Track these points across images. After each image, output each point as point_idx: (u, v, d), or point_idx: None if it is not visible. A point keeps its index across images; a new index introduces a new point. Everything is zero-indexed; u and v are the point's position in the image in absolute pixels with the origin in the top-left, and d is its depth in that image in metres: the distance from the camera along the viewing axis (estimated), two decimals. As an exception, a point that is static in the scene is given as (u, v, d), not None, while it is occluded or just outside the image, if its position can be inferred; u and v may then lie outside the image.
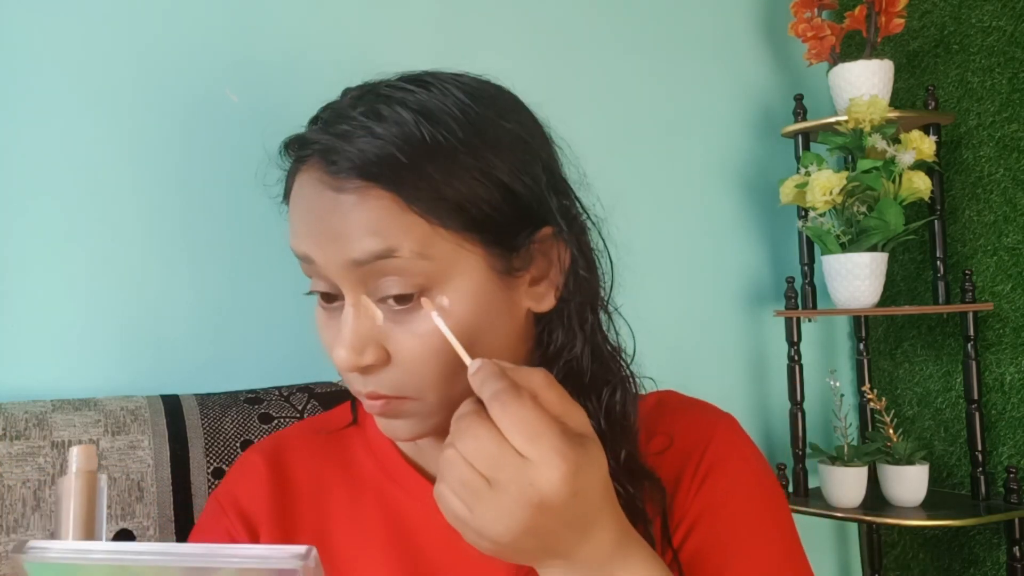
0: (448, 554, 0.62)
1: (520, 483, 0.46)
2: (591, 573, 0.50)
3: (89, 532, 0.42)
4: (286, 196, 0.62)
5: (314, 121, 0.59)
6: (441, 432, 0.59)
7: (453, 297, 0.55)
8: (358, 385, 0.57)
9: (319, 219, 0.55)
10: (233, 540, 0.64)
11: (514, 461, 0.46)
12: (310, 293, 0.59)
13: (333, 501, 0.66)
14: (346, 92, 0.60)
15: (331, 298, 0.58)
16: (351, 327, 0.55)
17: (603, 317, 0.64)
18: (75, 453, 0.43)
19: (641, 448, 0.61)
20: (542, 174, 0.59)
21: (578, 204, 0.62)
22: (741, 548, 0.59)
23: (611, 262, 0.64)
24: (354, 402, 0.71)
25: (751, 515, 0.61)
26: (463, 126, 0.55)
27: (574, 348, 0.60)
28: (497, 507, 0.46)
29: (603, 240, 0.64)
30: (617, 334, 0.64)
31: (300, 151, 0.57)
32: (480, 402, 0.49)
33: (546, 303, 0.60)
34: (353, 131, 0.54)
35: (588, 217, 0.63)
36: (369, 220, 0.53)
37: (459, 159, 0.54)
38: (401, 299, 0.54)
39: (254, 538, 0.64)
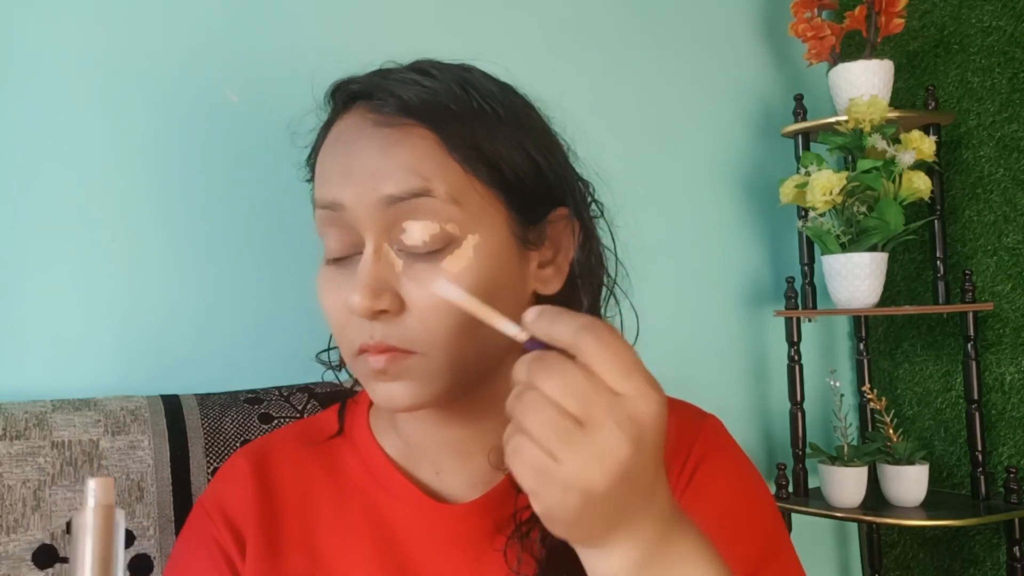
0: (438, 561, 0.61)
1: (618, 418, 0.41)
2: (660, 533, 0.46)
3: (106, 570, 0.41)
4: (313, 153, 0.63)
5: (346, 84, 0.61)
6: (440, 405, 0.59)
7: (474, 252, 0.56)
8: (363, 336, 0.56)
9: (357, 156, 0.56)
10: (220, 547, 0.63)
11: (609, 397, 0.42)
12: (329, 260, 0.59)
13: (320, 508, 0.65)
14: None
15: (343, 258, 0.58)
16: (370, 270, 0.55)
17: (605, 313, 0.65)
18: (92, 486, 0.41)
19: None
20: (563, 160, 0.63)
21: (590, 196, 0.66)
22: (727, 538, 0.58)
23: (616, 255, 0.66)
24: (342, 410, 0.70)
25: (738, 509, 0.62)
26: (501, 102, 0.59)
27: None
28: (592, 448, 0.41)
29: (611, 233, 0.66)
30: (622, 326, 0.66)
31: (347, 89, 0.59)
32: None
33: (552, 287, 0.62)
34: (403, 79, 0.58)
35: (600, 210, 0.66)
36: (410, 158, 0.55)
37: (498, 124, 0.58)
38: (425, 245, 0.55)
39: (240, 545, 0.63)
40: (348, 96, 0.59)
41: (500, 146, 0.58)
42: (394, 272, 0.55)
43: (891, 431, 1.41)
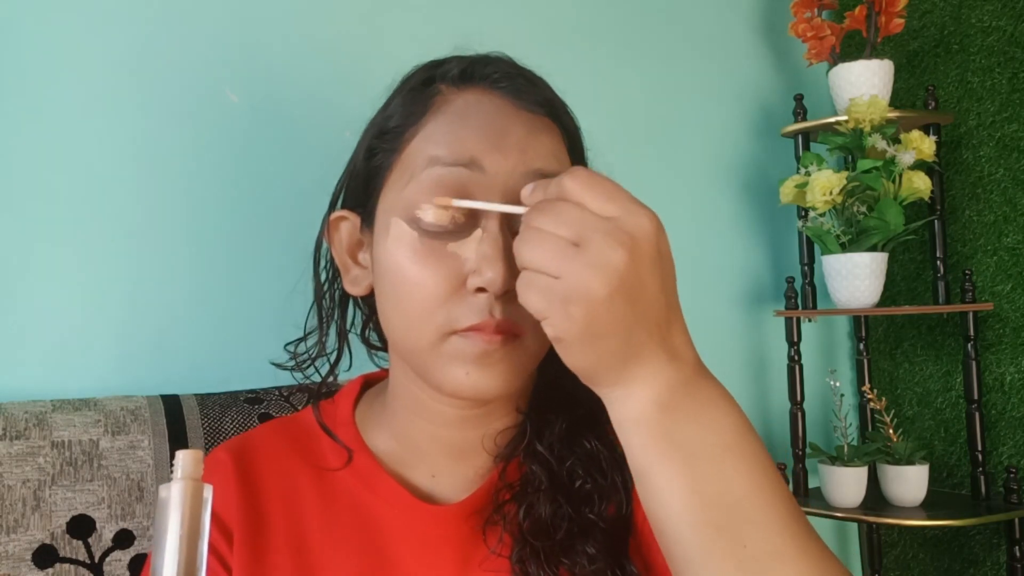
0: (426, 561, 0.61)
1: (608, 230, 0.45)
2: (681, 375, 0.48)
3: (193, 545, 0.39)
4: (406, 119, 0.61)
5: (462, 59, 0.63)
6: (512, 396, 0.62)
7: None
8: (480, 315, 0.55)
9: (505, 130, 0.58)
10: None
11: (598, 220, 0.45)
12: (421, 229, 0.56)
13: (305, 508, 0.64)
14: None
15: (436, 233, 0.56)
16: (505, 247, 0.54)
17: None
18: (180, 458, 0.40)
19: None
20: None
21: None
22: None
23: None
24: (317, 413, 0.68)
25: None
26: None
27: None
28: (587, 259, 0.44)
29: None
30: None
31: (477, 72, 0.61)
32: None
33: None
34: (528, 75, 0.62)
35: None
36: (552, 145, 0.60)
37: (580, 140, 0.66)
38: None
39: (227, 535, 0.62)
40: (477, 76, 0.60)
41: (583, 159, 0.65)
42: (511, 251, 0.55)
43: (891, 431, 1.41)
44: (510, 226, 0.56)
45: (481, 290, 0.55)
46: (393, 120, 0.61)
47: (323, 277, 0.70)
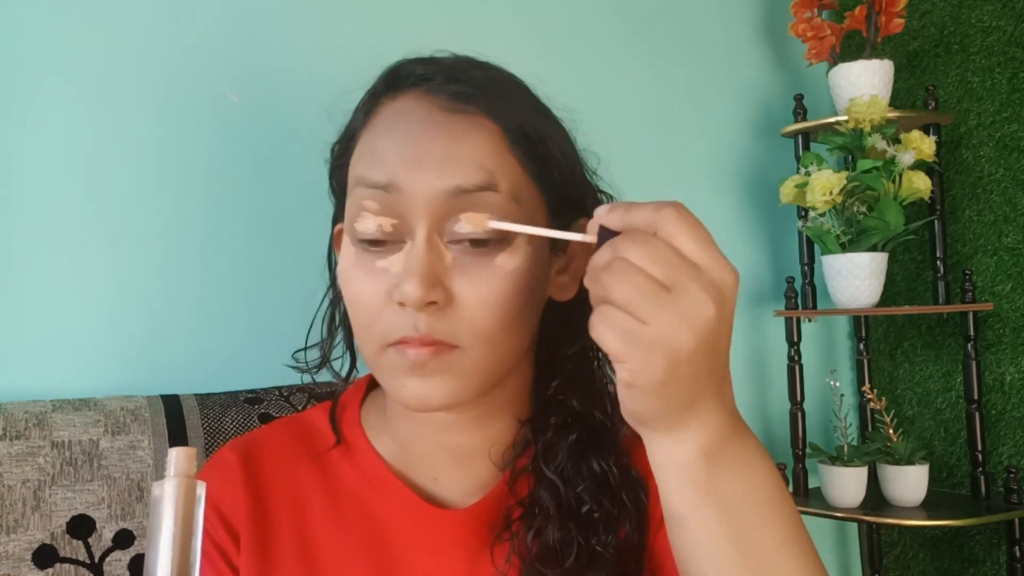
0: (433, 566, 0.61)
1: (702, 283, 0.43)
2: (728, 426, 0.48)
3: (187, 543, 0.39)
4: (349, 133, 0.61)
5: (398, 63, 0.60)
6: (470, 406, 0.59)
7: (524, 251, 0.56)
8: (405, 328, 0.54)
9: (424, 141, 0.55)
10: (214, 543, 0.62)
11: (691, 265, 0.44)
12: (360, 242, 0.56)
13: (313, 510, 0.63)
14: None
15: (378, 243, 0.56)
16: (424, 260, 0.53)
17: None
18: (174, 456, 0.40)
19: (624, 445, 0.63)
20: (584, 171, 0.64)
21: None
22: None
23: None
24: (333, 414, 0.68)
25: None
26: (543, 106, 0.61)
27: (574, 346, 0.63)
28: (678, 309, 0.43)
29: None
30: None
31: (407, 72, 0.58)
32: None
33: (568, 293, 0.62)
34: (465, 67, 0.58)
35: None
36: (477, 149, 0.55)
37: (550, 124, 0.60)
38: (479, 242, 0.54)
39: (234, 538, 0.62)
40: (408, 79, 0.58)
41: (552, 147, 0.59)
42: (443, 264, 0.54)
43: (891, 431, 1.41)
44: (440, 236, 0.55)
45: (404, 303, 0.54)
46: (347, 132, 0.62)
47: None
